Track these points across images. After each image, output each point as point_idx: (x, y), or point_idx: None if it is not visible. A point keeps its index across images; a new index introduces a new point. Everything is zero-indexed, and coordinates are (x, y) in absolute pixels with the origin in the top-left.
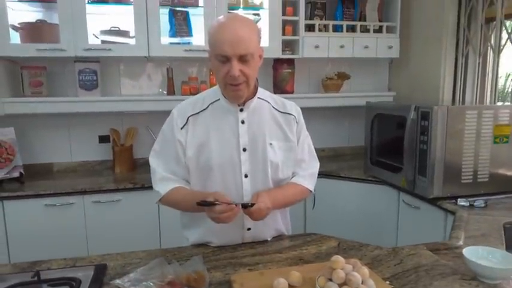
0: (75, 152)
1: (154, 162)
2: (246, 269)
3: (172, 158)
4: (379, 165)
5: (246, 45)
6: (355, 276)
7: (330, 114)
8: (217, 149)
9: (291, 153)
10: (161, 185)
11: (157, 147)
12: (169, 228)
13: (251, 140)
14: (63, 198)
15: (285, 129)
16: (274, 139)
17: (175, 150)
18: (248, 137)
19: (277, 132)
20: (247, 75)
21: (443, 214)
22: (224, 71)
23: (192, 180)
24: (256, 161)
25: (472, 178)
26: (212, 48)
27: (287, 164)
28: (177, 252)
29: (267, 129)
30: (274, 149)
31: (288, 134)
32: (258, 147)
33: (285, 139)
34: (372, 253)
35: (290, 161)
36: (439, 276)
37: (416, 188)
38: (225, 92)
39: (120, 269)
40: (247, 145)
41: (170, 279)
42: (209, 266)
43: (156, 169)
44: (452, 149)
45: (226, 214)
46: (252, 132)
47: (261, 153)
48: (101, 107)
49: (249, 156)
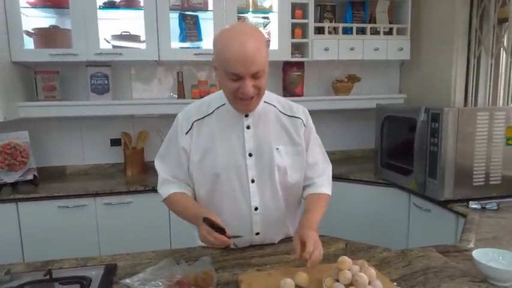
0: (87, 155)
1: (158, 165)
2: (254, 269)
3: (174, 163)
4: (390, 167)
5: (258, 61)
6: (362, 277)
7: (340, 117)
8: (223, 154)
9: (299, 158)
10: (163, 187)
11: (162, 150)
12: (180, 229)
13: (257, 145)
14: (76, 200)
15: (292, 133)
16: (281, 144)
17: (178, 155)
18: (254, 142)
19: (284, 137)
20: (259, 87)
21: (454, 217)
22: (235, 87)
23: (198, 185)
24: (262, 166)
25: (484, 181)
26: (221, 64)
27: (295, 168)
28: (186, 253)
29: (273, 134)
30: (281, 154)
31: (295, 138)
32: (264, 152)
33: (292, 143)
34: (381, 255)
35: (298, 165)
36: (448, 278)
37: (427, 190)
38: (235, 105)
39: (130, 268)
40: (253, 150)
41: (178, 279)
42: (217, 266)
43: (160, 172)
44: (463, 151)
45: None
46: (257, 137)
47: (268, 158)
48: (112, 110)
49: (255, 161)
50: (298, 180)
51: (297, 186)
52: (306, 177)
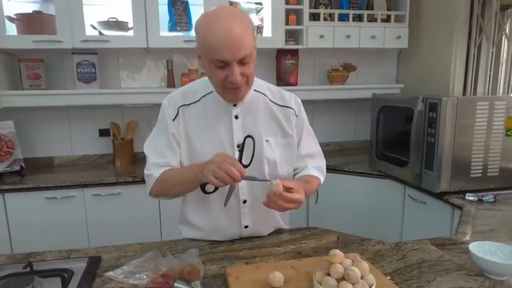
0: (75, 145)
1: (147, 150)
2: (242, 262)
3: (165, 148)
4: (385, 159)
5: (245, 46)
6: (354, 271)
7: (335, 107)
8: (210, 146)
9: (290, 150)
10: (154, 168)
11: (152, 136)
12: (170, 221)
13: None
14: (64, 191)
15: (283, 124)
16: (271, 135)
17: (169, 141)
18: (243, 134)
19: (275, 128)
20: (247, 75)
21: (450, 209)
22: (222, 75)
23: None
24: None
25: (482, 172)
26: (205, 51)
27: (286, 160)
28: (173, 245)
29: (263, 124)
30: (271, 146)
31: (286, 129)
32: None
33: (282, 135)
34: (374, 248)
35: (289, 157)
36: (443, 271)
37: (422, 182)
38: (223, 94)
39: (114, 261)
40: (242, 142)
41: (163, 272)
42: (205, 259)
43: (149, 156)
44: (461, 142)
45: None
46: (246, 128)
47: (257, 150)
48: (100, 100)
49: (244, 153)
50: (289, 172)
51: (287, 179)
52: (296, 169)
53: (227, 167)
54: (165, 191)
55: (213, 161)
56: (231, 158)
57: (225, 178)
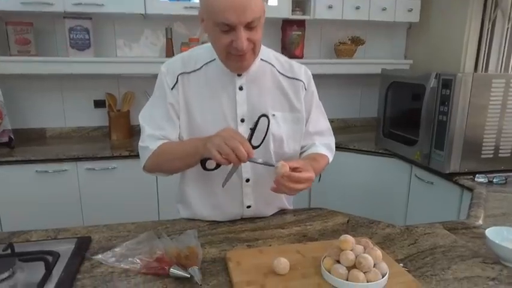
0: (69, 117)
1: (143, 120)
2: (244, 245)
3: (163, 119)
4: (392, 137)
5: (253, 8)
6: (367, 259)
7: (341, 82)
8: (211, 119)
9: (298, 126)
10: (150, 141)
11: (148, 105)
12: (169, 199)
13: (251, 110)
14: (56, 164)
15: (291, 97)
16: (278, 109)
17: (167, 110)
18: (247, 107)
19: (282, 102)
20: (254, 41)
21: (459, 190)
22: (226, 40)
23: None
24: (256, 135)
25: (493, 153)
26: (209, 13)
27: (293, 137)
28: (170, 225)
29: (270, 97)
30: (277, 121)
31: (294, 104)
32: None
33: (290, 109)
34: (383, 231)
35: (297, 134)
36: (458, 258)
37: (431, 162)
38: (227, 62)
39: (105, 242)
40: (246, 115)
41: (158, 255)
42: (203, 241)
43: (145, 127)
44: (474, 121)
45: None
46: (251, 100)
47: (262, 125)
48: (95, 68)
49: (248, 128)
50: (296, 150)
51: (293, 158)
52: (303, 146)
53: (235, 144)
54: (160, 166)
55: (220, 135)
56: (240, 136)
57: (230, 156)
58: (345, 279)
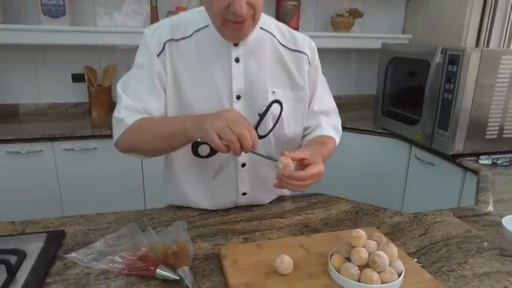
0: (44, 92)
1: (122, 88)
2: (240, 238)
3: (146, 90)
4: (392, 116)
5: None
6: (382, 258)
7: (336, 57)
8: (202, 95)
9: (300, 105)
10: (127, 113)
11: (129, 73)
12: (155, 183)
13: (248, 86)
14: (29, 145)
15: (293, 72)
16: (278, 86)
17: (152, 79)
18: (244, 82)
19: (283, 77)
20: (255, 6)
21: (461, 172)
22: (223, 4)
23: None
24: (253, 114)
25: (498, 133)
26: None
27: (295, 117)
28: (156, 215)
29: (270, 72)
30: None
31: (296, 80)
32: (257, 96)
33: (292, 86)
34: (391, 220)
35: (299, 114)
36: (474, 251)
37: (434, 142)
38: (222, 30)
39: (81, 236)
40: (242, 92)
41: (143, 253)
42: (194, 233)
43: (124, 96)
44: (480, 100)
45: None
46: (249, 75)
47: (261, 103)
48: (71, 39)
49: (244, 106)
50: (297, 133)
51: (294, 140)
52: (307, 128)
53: (240, 130)
54: (136, 145)
55: (223, 116)
56: (246, 121)
57: (234, 143)
58: (357, 280)
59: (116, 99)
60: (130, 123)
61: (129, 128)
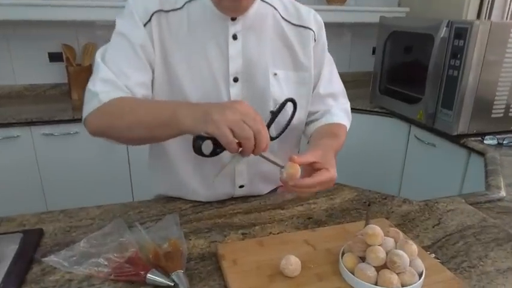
0: (19, 73)
1: (102, 57)
2: (238, 233)
3: (129, 63)
4: (390, 94)
5: None
6: (402, 258)
7: (329, 32)
8: (195, 76)
9: (304, 88)
10: (104, 86)
11: (111, 44)
12: (143, 169)
13: (246, 66)
14: (5, 130)
15: (296, 51)
16: (281, 67)
17: (135, 52)
18: (242, 62)
19: (285, 56)
20: None
21: (465, 154)
22: None
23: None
24: (252, 98)
25: (504, 112)
26: None
27: (299, 102)
28: (145, 209)
29: (271, 50)
30: (279, 82)
31: (301, 60)
32: (256, 78)
33: (295, 67)
34: (401, 209)
35: (303, 99)
36: (493, 243)
37: (437, 122)
38: (218, 2)
39: (61, 236)
40: (240, 73)
41: (131, 254)
42: (187, 229)
43: (102, 66)
44: (487, 76)
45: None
46: (248, 54)
47: (261, 87)
48: (44, 13)
49: (242, 90)
50: (301, 119)
51: (297, 128)
52: (314, 113)
53: (257, 127)
54: (112, 129)
55: (235, 108)
56: (260, 117)
57: (250, 141)
58: (374, 282)
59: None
60: (105, 101)
61: (104, 106)
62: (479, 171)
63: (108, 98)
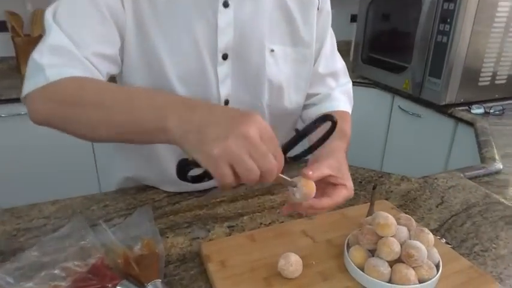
0: None
1: (53, 14)
2: (224, 226)
3: (91, 28)
4: (373, 63)
5: None
6: (420, 250)
7: None
8: (174, 52)
9: (304, 67)
10: (52, 56)
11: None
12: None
13: (239, 41)
14: None
15: (297, 22)
16: (278, 42)
17: (100, 14)
18: (234, 35)
19: (283, 29)
20: None
21: (452, 124)
22: None
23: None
24: (244, 79)
25: (490, 80)
26: None
27: (297, 84)
28: (110, 202)
29: (267, 23)
30: (276, 60)
31: (300, 33)
32: (250, 55)
33: (293, 42)
34: (399, 188)
35: (301, 80)
36: (502, 221)
37: (424, 92)
38: None
39: (5, 242)
40: (231, 49)
41: (95, 261)
42: (163, 225)
43: (55, 28)
44: (477, 42)
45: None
46: (241, 25)
47: (255, 65)
48: None
49: (233, 68)
50: (299, 103)
51: (294, 113)
52: (313, 95)
53: (269, 165)
54: (64, 121)
55: (243, 134)
56: (276, 142)
57: (253, 181)
58: (388, 280)
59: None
60: (54, 79)
61: (52, 87)
62: (467, 142)
63: (58, 75)
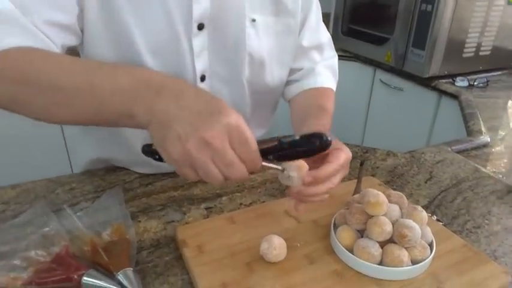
0: None
1: None
2: (201, 208)
3: None
4: (354, 35)
5: None
6: (414, 230)
7: None
8: (143, 21)
9: (288, 39)
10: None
11: None
12: None
13: (216, 9)
14: None
15: None
16: (259, 11)
17: None
18: (211, 3)
19: None
20: None
21: (435, 97)
22: None
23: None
24: (222, 51)
25: (474, 51)
26: None
27: (280, 58)
28: (77, 184)
29: None
30: (257, 31)
31: (284, 1)
32: (229, 25)
33: (277, 11)
34: (386, 163)
35: (285, 53)
36: (493, 196)
37: (407, 64)
38: None
39: None
40: (207, 18)
41: (59, 250)
42: (135, 208)
43: None
44: (462, 11)
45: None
46: None
47: (233, 37)
48: None
49: (209, 41)
50: (282, 79)
51: (276, 90)
52: (296, 70)
53: (235, 173)
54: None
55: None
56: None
57: (215, 179)
58: (379, 262)
59: None
60: (4, 48)
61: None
62: (451, 116)
63: (3, 45)
